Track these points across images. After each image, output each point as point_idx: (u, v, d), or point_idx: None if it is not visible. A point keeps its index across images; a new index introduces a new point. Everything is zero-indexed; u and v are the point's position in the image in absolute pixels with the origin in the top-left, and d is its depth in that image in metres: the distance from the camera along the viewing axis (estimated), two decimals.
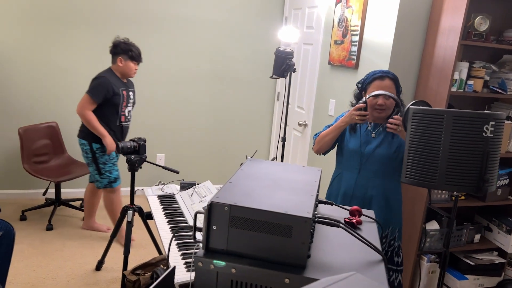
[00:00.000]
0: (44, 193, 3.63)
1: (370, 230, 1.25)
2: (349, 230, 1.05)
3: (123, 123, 3.11)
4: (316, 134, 2.19)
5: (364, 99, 2.01)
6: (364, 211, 1.41)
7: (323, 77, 3.51)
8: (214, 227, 1.03)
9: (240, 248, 1.03)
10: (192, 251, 1.74)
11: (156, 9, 3.91)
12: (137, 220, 3.64)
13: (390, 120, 1.94)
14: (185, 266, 1.63)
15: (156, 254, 3.10)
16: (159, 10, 3.92)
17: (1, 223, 1.63)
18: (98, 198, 3.35)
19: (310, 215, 0.97)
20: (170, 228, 1.95)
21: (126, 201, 4.07)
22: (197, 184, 2.40)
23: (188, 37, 4.07)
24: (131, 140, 2.61)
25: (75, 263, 2.92)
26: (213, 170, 4.46)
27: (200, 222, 1.92)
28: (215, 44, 4.17)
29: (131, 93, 3.12)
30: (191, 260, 1.67)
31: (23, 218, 3.50)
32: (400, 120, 1.92)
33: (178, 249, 1.76)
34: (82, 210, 3.64)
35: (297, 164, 3.29)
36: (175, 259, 1.69)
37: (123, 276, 2.50)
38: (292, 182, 1.22)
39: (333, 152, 3.25)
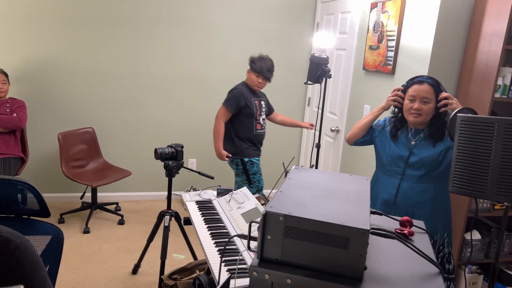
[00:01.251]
0: (82, 197, 3.73)
1: (422, 241, 1.23)
2: (406, 243, 1.03)
3: (259, 131, 3.18)
4: None
5: (402, 85, 2.07)
6: (414, 221, 1.38)
7: (357, 83, 3.47)
8: (269, 237, 1.03)
9: (294, 259, 1.02)
10: (236, 257, 1.74)
11: (190, 15, 3.97)
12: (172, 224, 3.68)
13: (440, 98, 1.94)
14: (228, 273, 1.63)
15: (191, 259, 3.13)
16: (193, 16, 3.98)
17: (50, 227, 1.68)
18: None
19: (368, 227, 0.96)
20: (210, 234, 1.96)
21: (162, 206, 4.13)
22: (234, 190, 2.41)
23: (220, 43, 4.11)
24: (169, 146, 2.65)
25: (112, 266, 2.98)
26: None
27: (244, 231, 1.92)
28: (246, 50, 4.20)
29: (262, 102, 3.20)
30: (234, 267, 1.68)
31: (61, 221, 3.60)
32: (448, 95, 1.93)
33: (220, 256, 1.76)
34: (117, 214, 3.71)
35: (332, 171, 3.27)
36: (217, 265, 1.69)
37: (160, 280, 2.54)
38: (342, 192, 1.20)
39: (367, 158, 3.20)
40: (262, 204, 2.14)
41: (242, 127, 3.13)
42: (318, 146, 2.87)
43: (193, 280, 1.77)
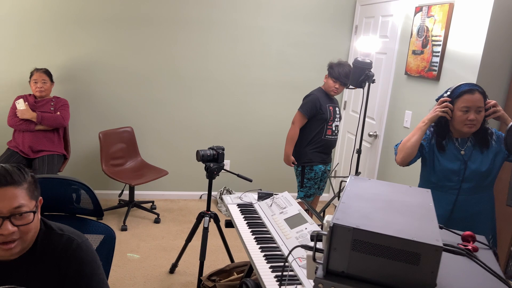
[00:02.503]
0: (120, 195, 3.81)
1: (488, 257, 1.19)
2: (477, 261, 1.00)
3: (328, 137, 3.19)
4: (396, 144, 2.13)
5: (447, 94, 1.98)
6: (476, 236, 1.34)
7: (398, 88, 3.40)
8: (335, 249, 1.01)
9: (361, 272, 1.00)
10: (282, 264, 1.73)
11: (229, 18, 3.99)
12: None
13: (488, 106, 1.91)
14: (276, 279, 1.63)
15: (227, 260, 3.15)
16: (231, 20, 4.00)
17: (103, 226, 1.72)
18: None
19: (440, 244, 0.93)
20: (255, 239, 1.96)
21: (196, 206, 4.17)
22: (275, 194, 2.41)
23: (257, 46, 4.11)
24: (210, 148, 2.67)
25: (150, 265, 3.02)
26: (277, 178, 4.47)
27: (288, 236, 1.92)
28: (282, 53, 4.19)
29: (337, 109, 3.22)
30: (280, 273, 1.67)
31: (99, 218, 3.68)
32: (495, 102, 1.90)
33: (266, 261, 1.76)
34: (154, 212, 3.77)
35: (375, 178, 3.22)
36: (264, 271, 1.69)
37: (199, 281, 2.56)
38: (405, 204, 1.18)
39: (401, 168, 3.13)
40: (306, 210, 2.12)
41: (312, 132, 3.17)
42: (359, 152, 2.83)
43: (239, 283, 1.78)
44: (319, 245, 1.51)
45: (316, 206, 3.58)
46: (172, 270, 2.95)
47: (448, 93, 1.98)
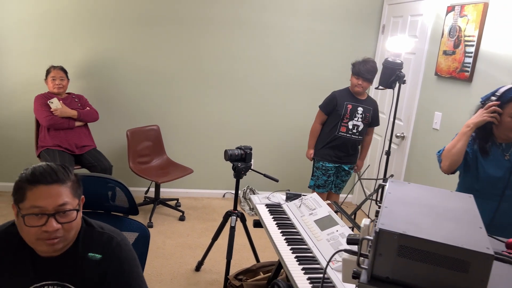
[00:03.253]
0: (146, 192, 3.86)
1: None
2: None
3: (342, 134, 3.22)
4: (439, 151, 2.06)
5: (494, 97, 1.88)
6: None
7: (427, 88, 3.34)
8: (380, 255, 1.00)
9: (406, 278, 0.99)
10: (314, 266, 1.73)
11: (254, 17, 3.99)
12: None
13: None
14: (309, 281, 1.63)
15: (252, 259, 3.15)
16: (256, 18, 4.00)
17: (137, 225, 1.74)
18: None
19: (491, 252, 0.91)
20: (285, 240, 1.95)
21: (220, 204, 4.19)
22: (303, 195, 2.40)
23: (280, 45, 4.10)
24: (238, 148, 2.68)
25: (176, 262, 3.06)
26: (301, 178, 4.45)
27: (319, 238, 1.91)
28: (306, 52, 4.16)
29: (360, 109, 3.21)
30: (314, 276, 1.66)
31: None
32: None
33: (298, 263, 1.76)
34: (178, 210, 3.81)
35: (401, 180, 3.17)
36: (297, 273, 1.69)
37: (226, 280, 2.57)
38: (450, 210, 1.16)
39: (434, 168, 3.08)
40: (336, 212, 2.11)
41: (328, 127, 3.29)
42: (388, 153, 2.80)
43: (271, 284, 1.78)
44: (354, 248, 1.50)
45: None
46: (198, 267, 2.97)
47: (496, 97, 1.89)
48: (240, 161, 2.66)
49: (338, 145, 3.26)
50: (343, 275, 1.44)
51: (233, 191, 4.38)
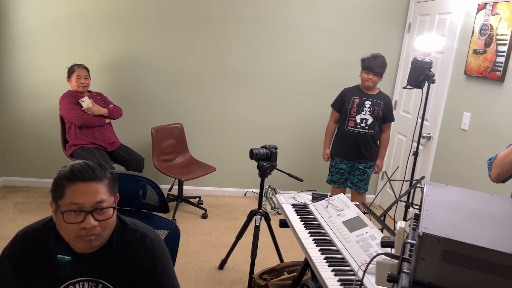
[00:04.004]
0: (170, 189, 3.89)
1: None
2: None
3: (350, 128, 3.27)
4: (490, 158, 1.98)
5: None
6: None
7: (455, 88, 3.27)
8: (423, 259, 0.98)
9: (450, 284, 0.97)
10: (344, 267, 1.71)
11: (277, 15, 3.98)
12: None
13: None
14: (339, 283, 1.61)
15: (275, 259, 3.14)
16: (279, 16, 3.98)
17: (167, 222, 1.75)
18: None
19: None
20: (313, 241, 1.94)
21: (241, 202, 4.20)
22: (330, 195, 2.38)
23: (305, 43, 4.07)
24: (263, 147, 2.68)
25: (199, 260, 3.07)
26: (324, 178, 4.41)
27: (348, 240, 1.89)
28: (331, 51, 4.13)
29: (367, 103, 3.22)
30: (345, 278, 1.64)
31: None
32: None
33: (328, 264, 1.74)
34: (201, 208, 3.83)
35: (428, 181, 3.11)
36: (327, 274, 1.67)
37: (251, 279, 2.57)
38: (493, 214, 1.12)
39: (462, 169, 3.01)
40: (364, 213, 2.08)
41: (339, 123, 3.39)
42: (415, 154, 2.75)
43: (300, 285, 1.77)
44: (387, 252, 1.47)
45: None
46: (221, 266, 2.98)
47: None
48: (265, 160, 2.65)
49: (347, 141, 3.30)
50: (376, 278, 1.42)
51: (255, 190, 4.39)
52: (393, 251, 1.50)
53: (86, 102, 3.42)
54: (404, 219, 2.87)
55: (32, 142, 3.98)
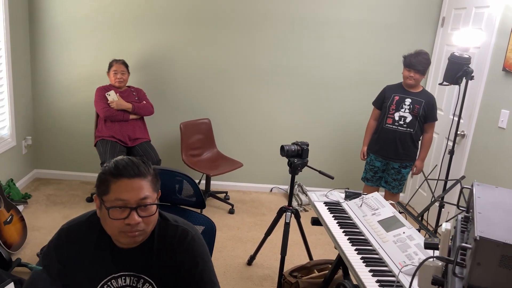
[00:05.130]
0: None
1: None
2: None
3: (388, 126, 3.22)
4: None
5: None
6: None
7: (493, 85, 3.16)
8: (479, 264, 0.94)
9: None
10: (382, 268, 1.68)
11: (304, 10, 3.92)
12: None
13: None
14: (378, 284, 1.58)
15: (303, 256, 3.12)
16: (307, 12, 3.93)
17: (203, 218, 1.76)
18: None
19: None
20: (348, 240, 1.91)
21: (268, 199, 4.19)
22: (364, 194, 2.34)
23: (334, 38, 4.01)
24: (294, 143, 2.65)
25: (228, 255, 3.08)
26: (353, 176, 4.36)
27: (385, 240, 1.85)
28: (361, 46, 4.05)
29: (407, 100, 3.16)
30: (383, 278, 1.61)
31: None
32: None
33: (365, 264, 1.71)
34: (228, 203, 3.84)
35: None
36: (365, 275, 1.64)
37: (281, 276, 2.56)
38: None
39: (498, 168, 2.91)
40: (400, 213, 2.04)
41: (377, 119, 3.36)
42: (451, 153, 2.67)
43: (336, 285, 1.75)
44: (434, 253, 1.43)
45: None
46: (250, 262, 2.98)
47: None
48: (296, 157, 2.63)
49: (384, 138, 3.25)
50: (419, 280, 1.39)
51: (281, 186, 4.37)
52: (436, 253, 1.46)
53: (111, 96, 3.48)
54: (438, 219, 2.80)
55: (63, 136, 4.06)
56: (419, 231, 1.91)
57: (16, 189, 3.57)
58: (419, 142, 3.28)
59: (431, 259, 1.18)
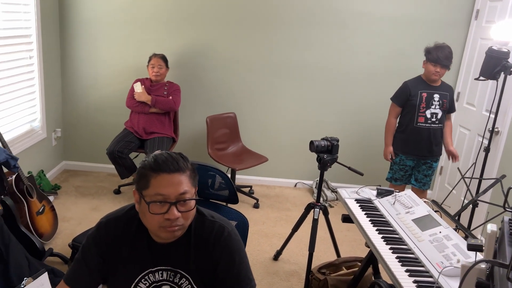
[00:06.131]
0: None
1: None
2: None
3: (421, 124, 3.11)
4: None
5: None
6: None
7: None
8: None
9: None
10: (419, 268, 1.63)
11: (331, 3, 3.85)
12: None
13: None
14: (415, 285, 1.54)
15: (329, 253, 3.09)
16: (334, 5, 3.85)
17: (235, 213, 1.75)
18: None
19: None
20: (382, 238, 1.87)
21: (292, 194, 4.17)
22: (396, 192, 2.28)
23: (362, 31, 3.92)
24: (324, 139, 2.61)
25: (254, 250, 3.08)
26: (378, 173, 4.29)
27: (420, 240, 1.80)
28: (390, 39, 3.95)
29: (436, 96, 3.09)
30: (421, 279, 1.57)
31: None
32: None
33: (401, 264, 1.67)
34: (253, 197, 3.83)
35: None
36: (401, 275, 1.60)
37: (308, 272, 2.54)
38: None
39: None
40: (435, 211, 1.98)
41: (404, 119, 3.18)
42: (487, 150, 2.59)
43: (371, 284, 1.72)
44: (478, 256, 1.38)
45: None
46: (276, 257, 2.97)
47: None
48: (326, 152, 2.59)
49: (418, 138, 3.13)
50: (461, 283, 1.34)
51: (305, 181, 4.34)
52: (480, 255, 1.42)
53: (137, 88, 3.54)
54: (471, 218, 2.72)
55: (91, 128, 4.13)
56: (456, 231, 1.86)
57: (47, 180, 3.65)
58: None
59: (482, 263, 1.13)
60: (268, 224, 3.50)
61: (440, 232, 1.82)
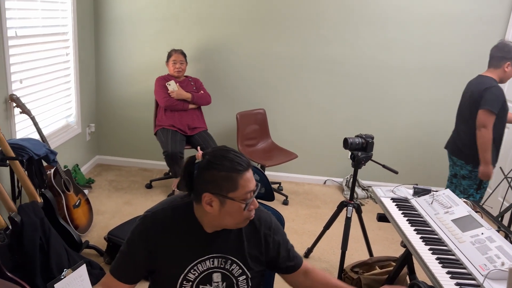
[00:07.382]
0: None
1: None
2: None
3: (504, 131, 2.83)
4: None
5: None
6: None
7: None
8: None
9: None
10: (460, 269, 1.59)
11: (373, 0, 3.79)
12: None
13: None
14: (458, 287, 1.50)
15: (361, 251, 3.06)
16: (368, 1, 3.79)
17: (272, 211, 1.74)
18: None
19: None
20: (421, 239, 1.82)
21: (321, 191, 4.14)
22: (434, 191, 2.23)
23: (397, 26, 3.83)
24: (358, 136, 2.57)
25: None
26: (416, 170, 4.20)
27: (461, 240, 1.75)
28: (426, 35, 3.84)
29: None
30: (464, 281, 1.53)
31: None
32: None
33: (441, 265, 1.63)
34: (282, 194, 3.82)
35: None
36: (442, 276, 1.56)
37: (341, 270, 2.52)
38: None
39: None
40: (477, 212, 1.92)
41: (496, 130, 2.72)
42: None
43: (409, 285, 1.68)
44: None
45: None
46: (307, 254, 2.96)
47: None
48: (360, 150, 2.55)
49: (499, 147, 2.84)
50: (508, 285, 1.30)
51: (335, 178, 4.30)
52: None
53: (171, 86, 3.54)
54: (511, 219, 2.62)
55: (124, 123, 4.21)
56: (499, 232, 1.80)
57: (81, 174, 3.75)
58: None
59: None
60: (298, 221, 3.48)
61: (482, 233, 1.76)
